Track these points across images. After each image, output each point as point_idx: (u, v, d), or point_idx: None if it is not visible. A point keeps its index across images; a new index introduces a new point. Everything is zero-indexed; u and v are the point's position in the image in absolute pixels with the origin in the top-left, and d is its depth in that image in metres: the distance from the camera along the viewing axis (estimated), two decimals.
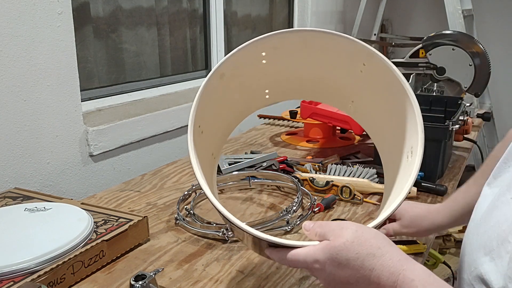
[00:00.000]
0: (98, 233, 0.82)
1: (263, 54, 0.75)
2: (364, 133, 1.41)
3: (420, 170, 1.11)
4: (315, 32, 0.72)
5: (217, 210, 0.57)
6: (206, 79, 0.68)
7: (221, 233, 0.89)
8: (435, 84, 1.80)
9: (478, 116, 1.66)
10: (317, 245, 0.51)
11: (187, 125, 1.72)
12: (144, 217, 0.89)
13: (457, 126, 1.23)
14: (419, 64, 1.72)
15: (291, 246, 0.53)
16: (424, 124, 1.27)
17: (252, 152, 1.38)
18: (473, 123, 1.58)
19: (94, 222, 0.86)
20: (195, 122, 0.65)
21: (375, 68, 0.71)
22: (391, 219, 0.87)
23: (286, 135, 1.62)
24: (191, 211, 0.98)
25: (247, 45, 0.70)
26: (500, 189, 0.56)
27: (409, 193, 0.60)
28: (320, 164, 1.24)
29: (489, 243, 0.53)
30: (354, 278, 0.49)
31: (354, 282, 0.49)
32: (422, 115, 1.46)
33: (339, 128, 1.59)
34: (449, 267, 1.81)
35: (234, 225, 0.56)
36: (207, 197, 0.58)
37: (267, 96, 0.85)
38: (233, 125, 0.85)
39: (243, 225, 0.55)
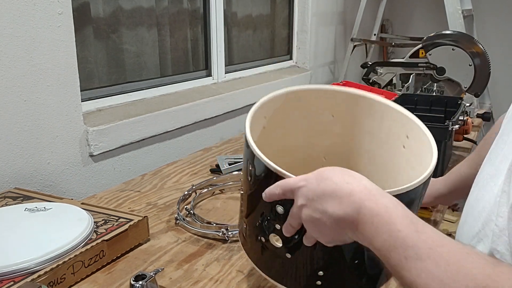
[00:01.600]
0: (98, 233, 0.82)
1: (331, 115, 0.76)
2: None
3: None
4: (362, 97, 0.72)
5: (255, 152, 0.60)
6: (286, 91, 0.71)
7: (221, 233, 0.89)
8: (435, 84, 1.80)
9: (478, 116, 1.66)
10: None
11: (187, 125, 1.70)
12: (144, 217, 0.89)
13: (457, 126, 1.23)
14: (419, 64, 1.72)
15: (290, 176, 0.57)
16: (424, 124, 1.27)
17: None
18: (473, 123, 1.58)
19: (94, 222, 0.86)
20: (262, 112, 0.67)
21: (416, 140, 0.68)
22: None
23: None
24: (191, 211, 0.98)
25: (321, 89, 0.74)
26: (485, 181, 0.59)
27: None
28: None
29: (476, 227, 0.56)
30: (331, 189, 0.51)
31: (330, 192, 0.51)
32: (422, 115, 1.47)
33: None
34: None
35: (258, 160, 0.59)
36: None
37: (324, 159, 0.82)
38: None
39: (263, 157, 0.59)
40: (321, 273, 0.59)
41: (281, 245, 0.61)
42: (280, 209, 0.58)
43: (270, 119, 0.73)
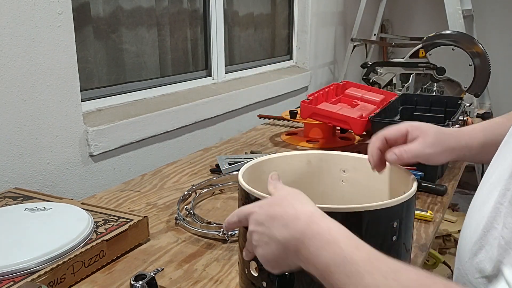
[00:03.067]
0: (98, 233, 0.82)
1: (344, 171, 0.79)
2: (364, 133, 1.41)
3: (420, 170, 1.11)
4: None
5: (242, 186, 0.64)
6: (297, 153, 0.78)
7: (221, 233, 0.89)
8: (435, 84, 1.80)
9: (478, 116, 1.66)
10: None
11: (187, 125, 1.70)
12: (144, 217, 0.89)
13: (457, 126, 1.24)
14: (419, 64, 1.72)
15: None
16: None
17: (252, 152, 1.38)
18: (473, 123, 1.57)
19: (94, 222, 0.86)
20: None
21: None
22: (406, 139, 0.74)
23: (286, 135, 1.62)
24: (191, 211, 0.98)
25: (332, 154, 0.79)
26: (491, 185, 0.58)
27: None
28: None
29: (479, 232, 0.55)
30: (278, 214, 0.54)
31: (277, 217, 0.54)
32: (422, 115, 1.47)
33: (339, 128, 1.59)
34: (449, 267, 1.79)
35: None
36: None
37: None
38: None
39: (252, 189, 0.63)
40: None
41: (257, 274, 0.63)
42: None
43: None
